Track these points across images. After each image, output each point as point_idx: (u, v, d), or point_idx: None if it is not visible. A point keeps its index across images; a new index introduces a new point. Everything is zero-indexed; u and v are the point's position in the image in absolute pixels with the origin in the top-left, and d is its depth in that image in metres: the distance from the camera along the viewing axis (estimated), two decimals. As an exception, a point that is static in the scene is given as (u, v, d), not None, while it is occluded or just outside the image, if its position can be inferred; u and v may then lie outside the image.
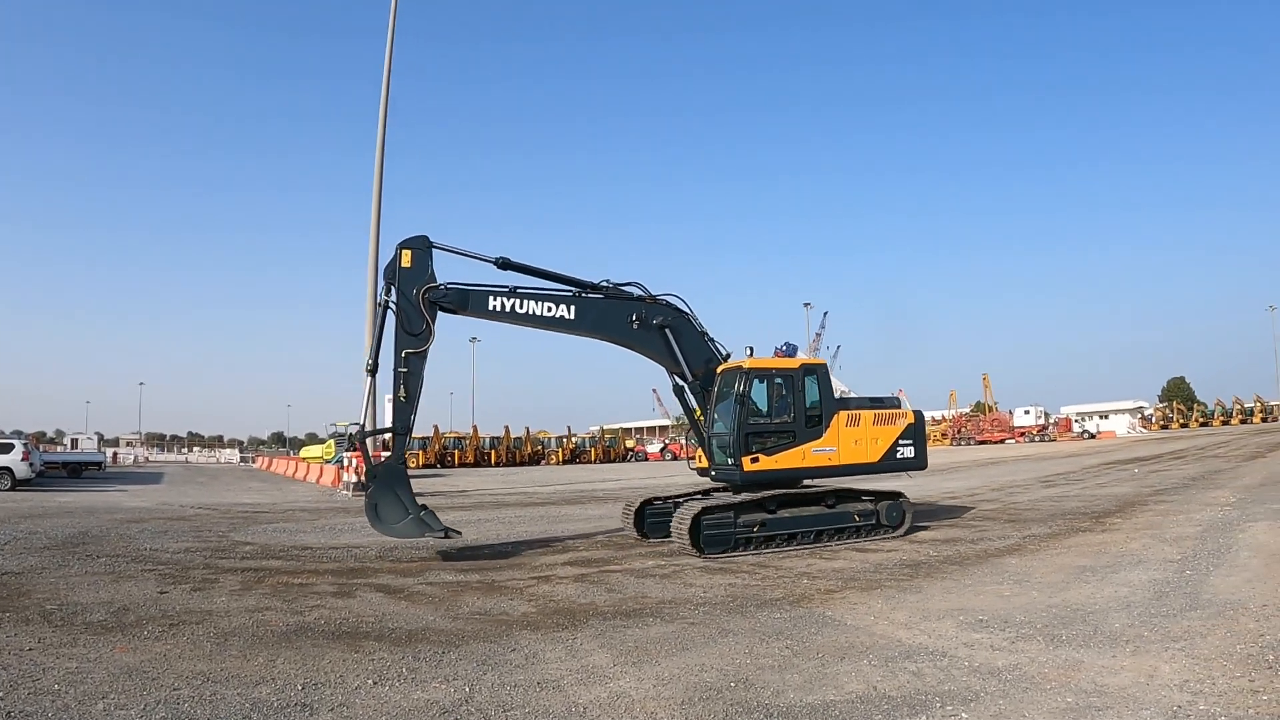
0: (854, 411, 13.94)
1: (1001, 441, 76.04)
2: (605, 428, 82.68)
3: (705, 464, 14.02)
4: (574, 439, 72.13)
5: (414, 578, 10.91)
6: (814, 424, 13.55)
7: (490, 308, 12.93)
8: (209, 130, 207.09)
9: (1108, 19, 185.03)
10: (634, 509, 14.52)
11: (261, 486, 35.41)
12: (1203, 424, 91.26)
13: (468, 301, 12.82)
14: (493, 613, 8.68)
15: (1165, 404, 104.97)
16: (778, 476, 13.33)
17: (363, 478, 12.63)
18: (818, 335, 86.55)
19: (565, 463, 64.47)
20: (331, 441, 58.28)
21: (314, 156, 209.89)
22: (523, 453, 65.36)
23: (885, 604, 8.62)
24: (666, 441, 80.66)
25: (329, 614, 8.59)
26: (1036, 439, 76.98)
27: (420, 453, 58.45)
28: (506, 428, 66.95)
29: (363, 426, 12.84)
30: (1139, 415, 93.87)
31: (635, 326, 13.50)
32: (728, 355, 14.21)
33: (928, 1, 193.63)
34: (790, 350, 14.33)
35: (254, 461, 78.36)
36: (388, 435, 12.92)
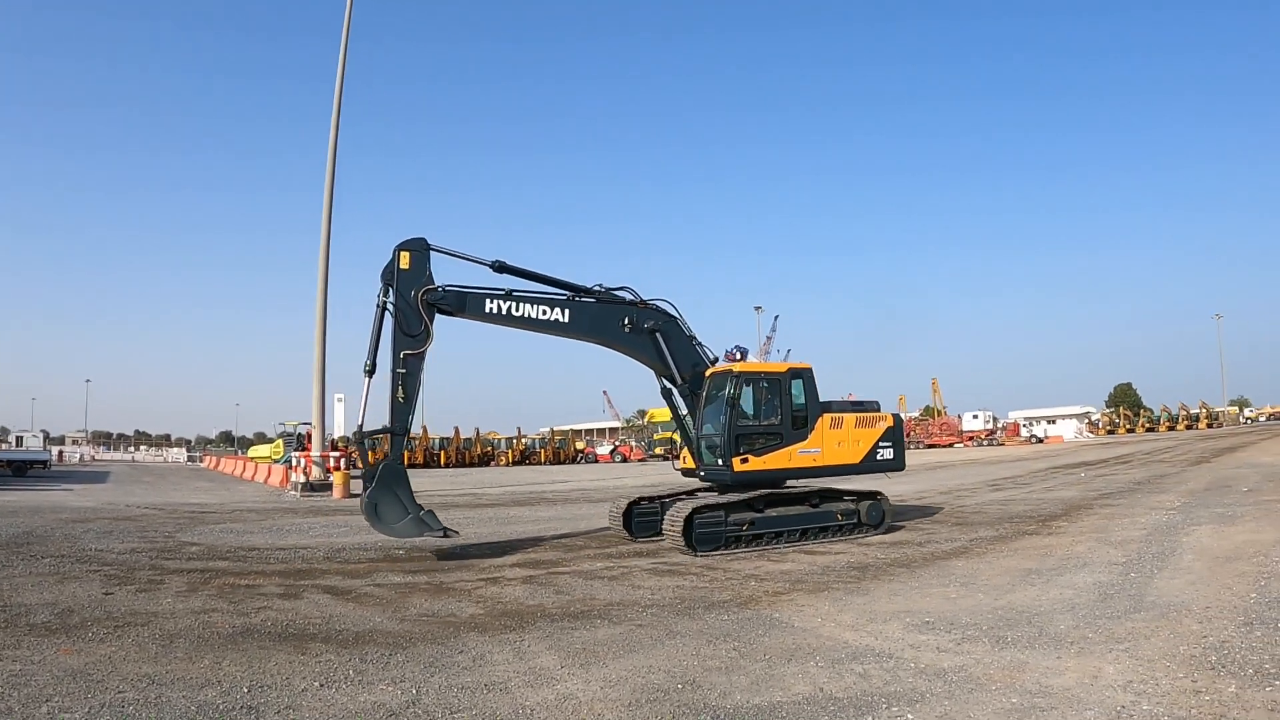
0: (837, 414, 14.31)
1: (950, 445, 76.78)
2: (555, 429, 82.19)
3: (691, 465, 14.33)
4: (524, 440, 71.58)
5: (362, 579, 10.79)
6: (800, 426, 13.94)
7: (487, 310, 13.01)
8: (164, 129, 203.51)
9: (1035, 21, 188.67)
10: (622, 509, 14.76)
11: (209, 486, 34.82)
12: (1149, 429, 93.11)
13: (465, 304, 12.87)
14: (440, 614, 8.61)
15: (1112, 409, 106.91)
16: (766, 477, 13.69)
17: (358, 477, 12.64)
18: (768, 339, 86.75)
19: (515, 464, 63.93)
20: (280, 441, 57.50)
21: (271, 157, 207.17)
22: (472, 454, 64.67)
23: (832, 606, 8.68)
24: (617, 444, 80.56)
25: (275, 615, 8.47)
26: (984, 443, 77.78)
27: (370, 453, 57.73)
28: (456, 428, 66.24)
29: (360, 427, 12.69)
30: (1086, 420, 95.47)
31: (627, 330, 13.73)
32: (715, 359, 14.49)
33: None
34: (741, 354, 14.52)
35: (202, 461, 77.14)
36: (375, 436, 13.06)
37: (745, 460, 13.35)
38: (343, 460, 30.49)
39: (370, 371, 12.50)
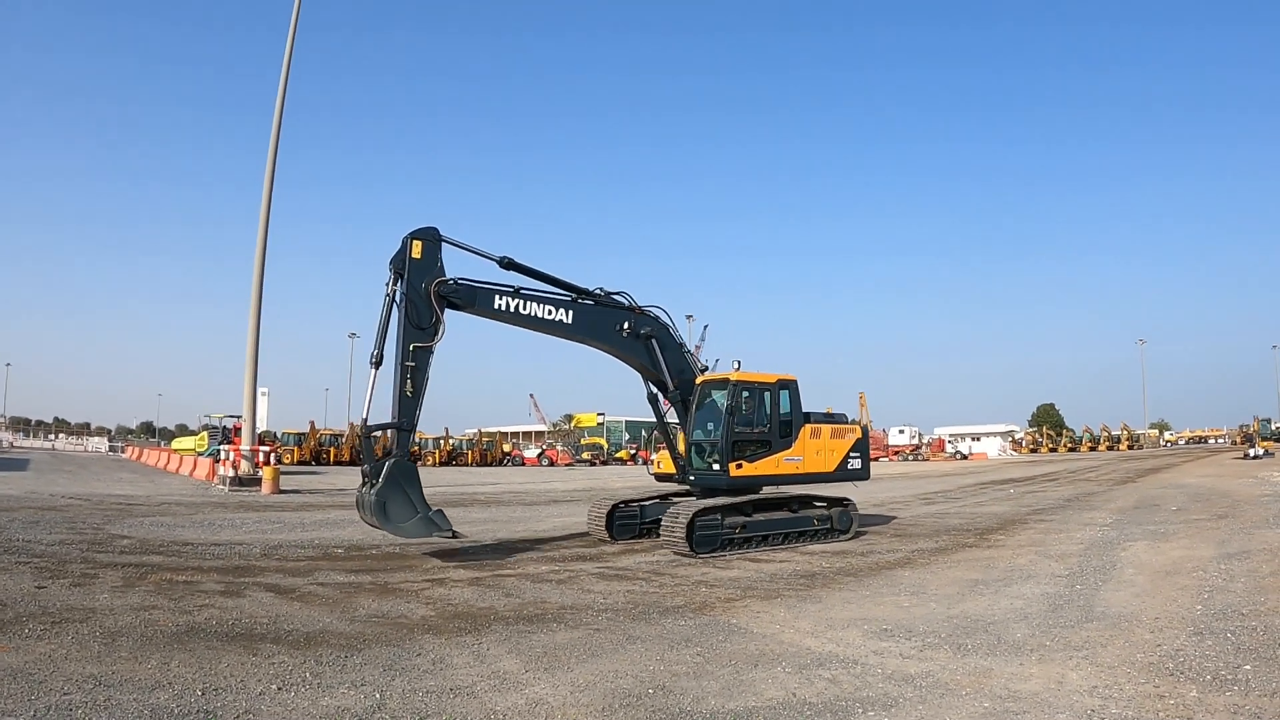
0: (817, 425, 14.87)
1: (876, 459, 78.07)
2: (483, 431, 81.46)
3: (668, 469, 14.86)
4: (451, 441, 70.81)
5: (303, 577, 10.52)
6: (786, 434, 14.48)
7: (496, 307, 12.90)
8: (99, 115, 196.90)
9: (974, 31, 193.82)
10: (604, 512, 15.02)
11: (133, 478, 33.63)
12: (1071, 449, 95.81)
13: (475, 299, 12.70)
14: (390, 615, 8.41)
15: (1035, 428, 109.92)
16: (757, 482, 14.22)
17: (363, 471, 12.51)
18: (698, 346, 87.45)
19: (441, 464, 63.09)
20: (205, 434, 56.03)
21: (203, 147, 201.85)
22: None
23: (788, 613, 8.69)
24: (544, 448, 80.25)
25: (220, 614, 8.16)
26: (910, 458, 79.28)
27: (295, 449, 56.55)
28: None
29: (365, 420, 12.37)
30: (1010, 439, 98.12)
31: (624, 335, 14.04)
32: (705, 368, 14.93)
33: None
34: (737, 365, 14.85)
35: (124, 451, 74.61)
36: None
37: (740, 465, 13.80)
38: (271, 455, 29.77)
39: (377, 363, 12.10)
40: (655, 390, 14.62)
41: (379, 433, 12.97)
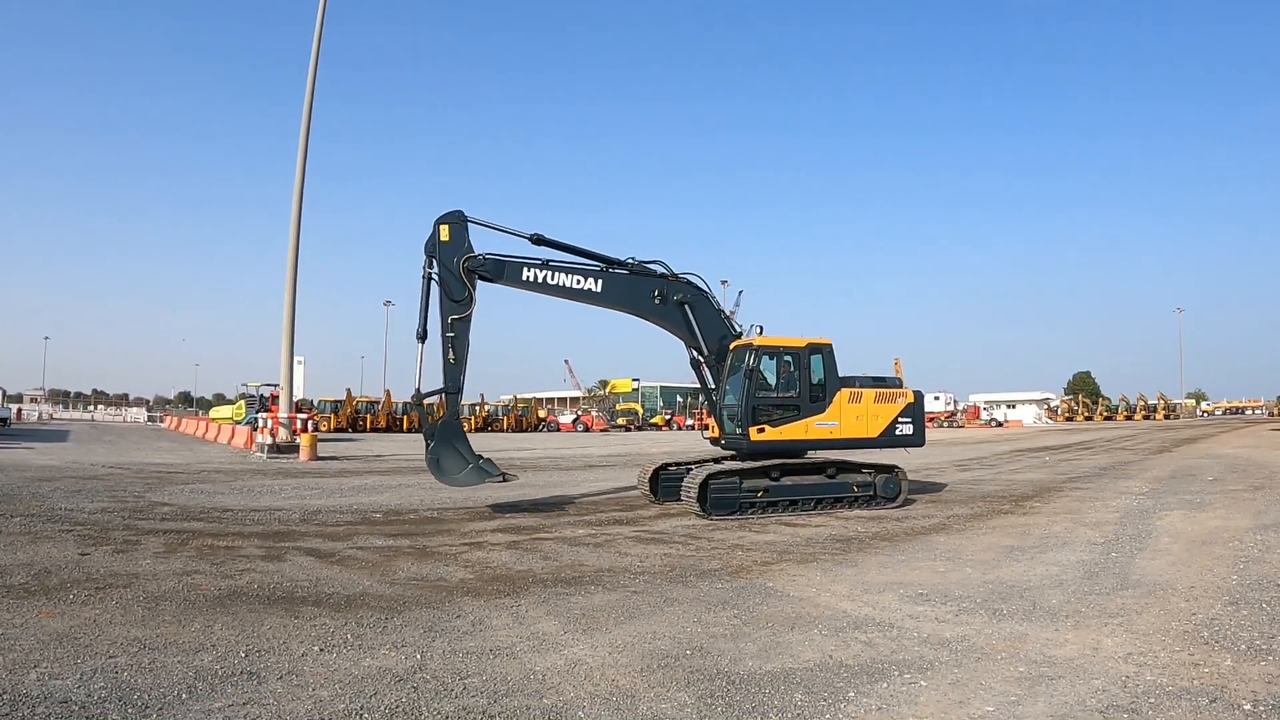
0: (857, 389, 14.69)
1: (912, 425, 77.63)
2: (518, 397, 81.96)
3: (716, 434, 14.97)
4: (486, 407, 71.25)
5: (342, 542, 10.68)
6: (818, 399, 14.38)
7: (524, 278, 13.78)
8: (144, 74, 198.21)
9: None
10: (649, 473, 15.59)
11: (172, 447, 34.23)
12: (1106, 418, 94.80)
13: (504, 271, 13.66)
14: (430, 578, 8.53)
15: (1070, 397, 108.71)
16: (782, 447, 14.17)
17: (424, 435, 13.93)
18: (733, 312, 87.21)
19: (477, 431, 63.54)
20: (242, 402, 56.84)
21: (238, 113, 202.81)
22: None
23: (824, 576, 8.71)
24: (579, 413, 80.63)
25: (261, 578, 8.32)
26: (945, 425, 78.78)
27: (332, 416, 57.20)
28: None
29: (418, 390, 13.51)
30: (1045, 406, 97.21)
31: (657, 302, 14.42)
32: (741, 332, 15.03)
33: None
34: (760, 330, 14.96)
35: (162, 421, 75.91)
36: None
37: (762, 430, 13.86)
38: (309, 422, 30.13)
39: (422, 338, 13.40)
40: (696, 356, 14.89)
41: (432, 398, 14.08)
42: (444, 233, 13.38)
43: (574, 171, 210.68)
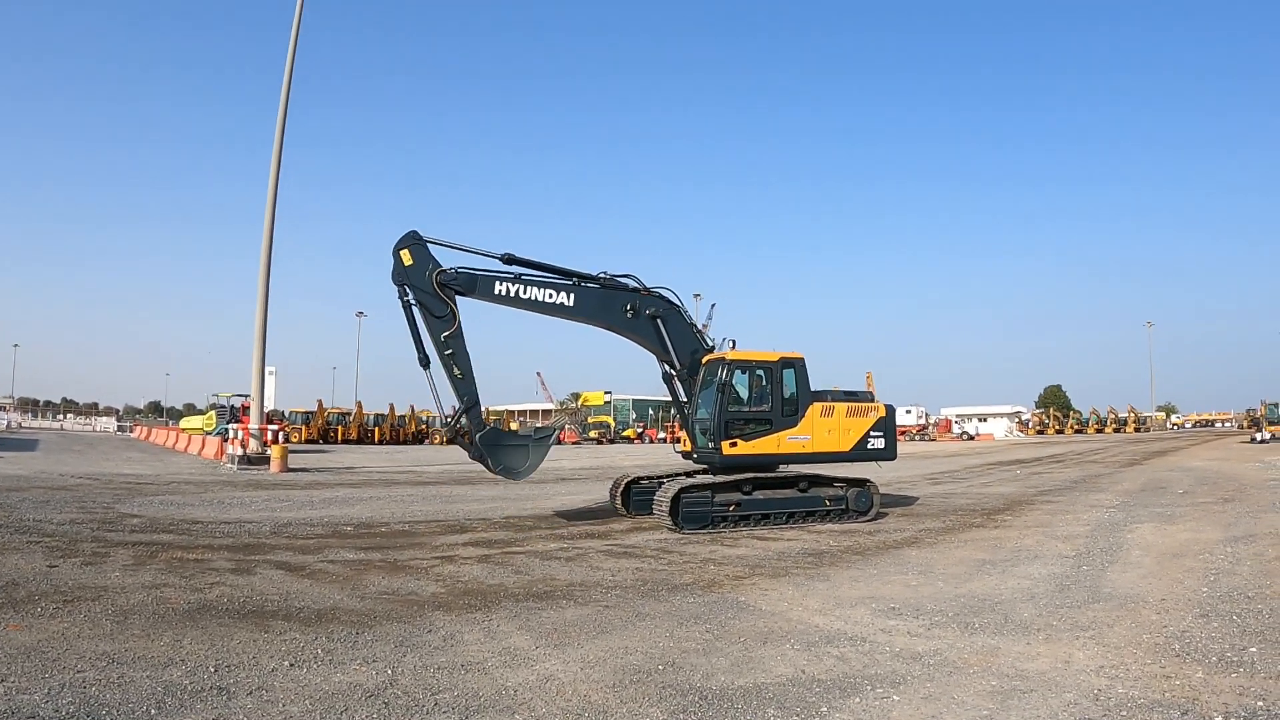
0: (829, 403, 14.74)
1: (884, 439, 77.95)
2: (490, 410, 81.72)
3: (688, 447, 14.93)
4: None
5: (313, 555, 10.60)
6: (790, 413, 14.41)
7: (496, 292, 13.70)
8: (106, 86, 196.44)
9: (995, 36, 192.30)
10: (620, 487, 15.39)
11: (141, 457, 33.80)
12: (1077, 431, 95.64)
13: (475, 285, 13.62)
14: (401, 592, 8.47)
15: (1042, 410, 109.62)
16: (755, 461, 14.20)
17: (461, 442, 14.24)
18: (705, 325, 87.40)
19: (449, 443, 63.34)
20: (213, 413, 56.28)
21: (210, 119, 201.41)
22: (406, 431, 64.04)
23: (796, 591, 8.73)
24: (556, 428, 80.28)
25: (230, 591, 8.23)
26: (916, 438, 79.13)
27: (303, 427, 56.69)
28: (391, 405, 65.14)
29: (448, 418, 14.29)
30: (1016, 420, 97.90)
31: (629, 316, 14.38)
32: (713, 347, 15.03)
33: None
34: (732, 344, 14.99)
35: (132, 431, 74.94)
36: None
37: (734, 444, 13.86)
38: (280, 434, 29.86)
39: (425, 364, 13.47)
40: (668, 370, 14.89)
41: (461, 423, 14.14)
42: (405, 257, 13.39)
43: (547, 180, 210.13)
